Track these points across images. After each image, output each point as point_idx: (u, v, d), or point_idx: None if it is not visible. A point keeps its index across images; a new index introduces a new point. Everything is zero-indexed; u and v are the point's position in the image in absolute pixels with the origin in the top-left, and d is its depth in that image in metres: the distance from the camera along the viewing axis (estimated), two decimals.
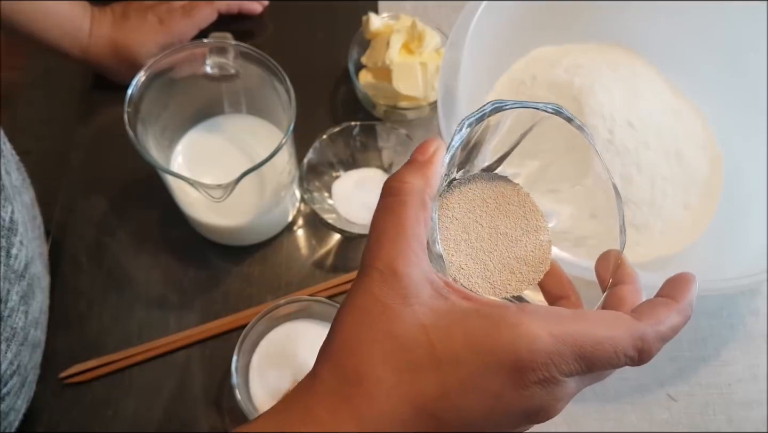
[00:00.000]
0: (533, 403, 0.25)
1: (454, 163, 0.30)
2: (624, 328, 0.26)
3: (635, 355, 0.26)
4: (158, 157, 0.54)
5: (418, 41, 0.64)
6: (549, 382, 0.25)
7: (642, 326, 0.26)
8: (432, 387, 0.25)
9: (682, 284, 0.29)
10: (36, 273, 0.49)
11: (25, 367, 0.47)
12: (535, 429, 0.56)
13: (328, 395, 0.25)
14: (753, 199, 0.58)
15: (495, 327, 0.25)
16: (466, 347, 0.25)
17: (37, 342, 0.50)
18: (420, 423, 0.25)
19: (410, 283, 0.26)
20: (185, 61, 0.55)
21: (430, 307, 0.26)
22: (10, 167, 0.48)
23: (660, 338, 0.27)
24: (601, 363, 0.26)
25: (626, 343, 0.26)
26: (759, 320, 0.60)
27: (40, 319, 0.51)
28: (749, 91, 0.61)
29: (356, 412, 0.25)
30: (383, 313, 0.26)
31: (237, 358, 0.51)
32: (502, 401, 0.25)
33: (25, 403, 0.49)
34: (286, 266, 0.61)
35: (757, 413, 0.56)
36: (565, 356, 0.25)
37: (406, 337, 0.25)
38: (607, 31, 0.65)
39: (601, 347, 0.25)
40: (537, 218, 0.32)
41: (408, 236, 0.26)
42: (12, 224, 0.44)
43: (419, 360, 0.25)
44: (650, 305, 0.28)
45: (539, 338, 0.24)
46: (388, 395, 0.25)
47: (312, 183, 0.62)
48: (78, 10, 0.64)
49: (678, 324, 0.28)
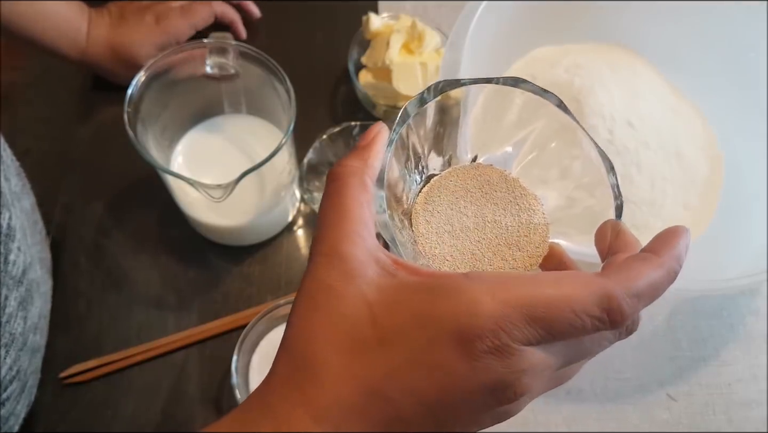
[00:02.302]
0: (490, 376, 0.23)
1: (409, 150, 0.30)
2: (583, 285, 0.24)
3: (603, 315, 0.23)
4: (158, 157, 0.54)
5: (418, 41, 0.64)
6: (502, 351, 0.23)
7: (606, 281, 0.24)
8: (379, 366, 0.23)
9: (667, 237, 0.26)
10: (35, 279, 0.49)
11: (24, 372, 0.47)
12: (534, 429, 0.56)
13: (282, 385, 0.25)
14: (753, 199, 0.58)
15: (437, 297, 0.24)
16: (410, 321, 0.24)
17: (37, 347, 0.50)
18: (373, 407, 0.23)
19: (354, 262, 0.25)
20: (185, 62, 0.55)
21: (376, 284, 0.25)
22: (9, 173, 0.48)
23: (632, 294, 0.24)
24: (561, 327, 0.23)
25: (586, 302, 0.23)
26: (759, 320, 0.60)
27: (40, 324, 0.50)
28: (749, 91, 0.61)
29: (307, 399, 0.24)
30: (328, 295, 0.25)
31: (237, 358, 0.51)
32: (455, 376, 0.23)
33: (25, 408, 0.49)
34: (286, 266, 0.61)
35: (757, 413, 0.56)
36: (513, 320, 0.23)
37: (350, 316, 0.24)
38: (607, 31, 0.65)
39: (555, 308, 0.23)
40: (529, 201, 0.31)
41: (350, 219, 0.26)
42: (9, 230, 0.44)
43: (364, 339, 0.24)
44: (624, 262, 0.25)
45: (481, 302, 0.23)
46: (336, 378, 0.24)
47: (312, 183, 0.62)
48: (75, 12, 0.64)
49: (658, 279, 0.25)
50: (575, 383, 0.56)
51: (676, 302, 0.61)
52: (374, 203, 0.27)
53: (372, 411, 0.23)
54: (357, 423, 0.24)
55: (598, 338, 0.25)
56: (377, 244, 0.26)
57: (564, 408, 0.55)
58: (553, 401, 0.56)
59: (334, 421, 0.24)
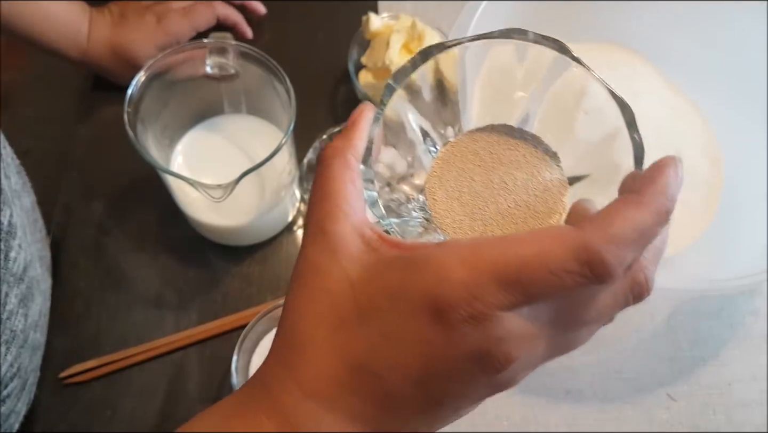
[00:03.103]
0: (470, 345, 0.22)
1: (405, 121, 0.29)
2: (554, 238, 0.22)
3: (583, 269, 0.21)
4: (158, 157, 0.54)
5: (418, 41, 0.64)
6: (477, 318, 0.22)
7: (580, 232, 0.22)
8: (360, 342, 0.24)
9: (651, 172, 0.24)
10: (35, 276, 0.49)
11: (25, 369, 0.47)
12: (535, 429, 0.56)
13: (275, 362, 0.26)
14: (753, 200, 0.58)
15: (407, 269, 0.23)
16: (383, 295, 0.24)
17: (37, 345, 0.50)
18: (359, 381, 0.24)
19: (338, 239, 0.25)
20: (185, 61, 0.55)
21: (359, 260, 0.25)
22: (9, 171, 0.48)
23: (613, 240, 0.21)
24: (538, 287, 0.22)
25: (561, 257, 0.21)
26: (759, 320, 0.60)
27: (40, 322, 0.51)
28: (749, 91, 0.61)
29: (296, 374, 0.24)
30: (314, 272, 0.25)
31: (237, 358, 0.51)
32: (434, 347, 0.23)
33: (25, 405, 0.49)
34: (286, 266, 0.61)
35: (757, 413, 0.56)
36: (484, 285, 0.22)
37: (333, 292, 0.25)
38: (607, 31, 0.65)
39: (527, 269, 0.21)
40: (543, 158, 0.29)
41: (334, 196, 0.26)
42: (11, 228, 0.44)
43: (346, 315, 0.24)
44: (602, 210, 0.23)
45: (450, 269, 0.22)
46: (322, 354, 0.24)
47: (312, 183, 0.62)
48: (76, 12, 0.64)
49: (641, 220, 0.22)
50: (575, 383, 0.56)
51: (676, 302, 0.61)
52: (362, 180, 0.27)
53: (360, 385, 0.24)
54: (345, 396, 0.24)
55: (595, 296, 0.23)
56: (363, 219, 0.26)
57: (564, 408, 0.55)
58: (553, 401, 0.56)
59: (322, 394, 0.24)
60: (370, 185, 0.27)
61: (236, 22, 0.71)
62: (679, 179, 0.24)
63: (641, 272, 0.24)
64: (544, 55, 0.28)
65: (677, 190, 0.23)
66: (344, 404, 0.24)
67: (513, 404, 0.55)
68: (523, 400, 0.55)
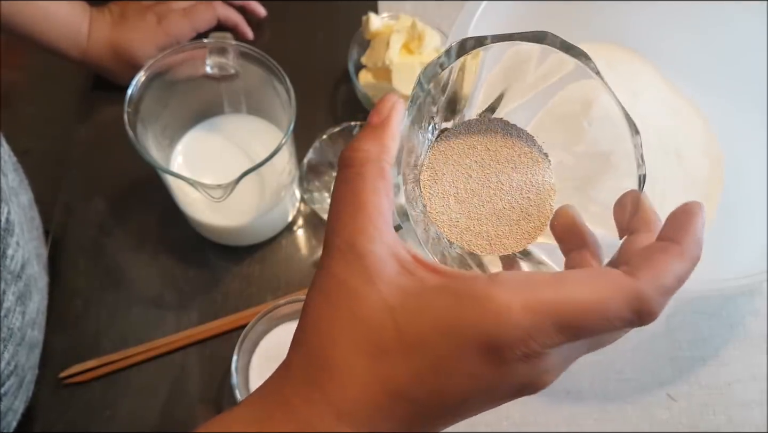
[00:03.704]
0: (517, 379, 0.23)
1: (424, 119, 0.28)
2: (614, 288, 0.23)
3: (634, 317, 0.23)
4: (158, 157, 0.54)
5: (418, 41, 0.64)
6: (531, 357, 0.23)
7: (637, 283, 0.23)
8: (403, 372, 0.23)
9: (684, 219, 0.25)
10: (33, 274, 0.49)
11: (22, 367, 0.47)
12: (535, 429, 0.56)
13: (302, 383, 0.24)
14: (753, 200, 0.58)
15: (462, 305, 0.23)
16: (434, 329, 0.23)
17: (35, 342, 0.50)
18: (397, 408, 0.23)
19: (374, 261, 0.24)
20: (185, 62, 0.55)
21: (397, 285, 0.24)
22: (7, 169, 0.48)
23: (662, 292, 0.23)
24: (591, 331, 0.23)
25: (618, 306, 0.23)
26: (759, 320, 0.60)
27: (38, 319, 0.51)
28: (749, 91, 0.61)
29: (330, 399, 0.24)
30: (348, 296, 0.24)
31: (237, 358, 0.51)
32: (482, 382, 0.23)
33: (23, 404, 0.49)
34: (286, 266, 0.61)
35: (757, 413, 0.56)
36: (544, 328, 0.22)
37: (372, 320, 0.24)
38: (607, 31, 0.65)
39: (587, 315, 0.22)
40: (537, 160, 0.29)
41: (368, 210, 0.24)
42: (8, 225, 0.44)
43: (387, 345, 0.23)
44: (646, 254, 0.24)
45: (510, 310, 0.22)
46: (359, 381, 0.23)
47: (312, 183, 0.62)
48: (77, 12, 0.64)
49: (683, 271, 0.24)
50: (575, 383, 0.56)
51: (676, 302, 0.61)
52: (393, 189, 0.26)
53: (398, 412, 0.23)
54: (381, 421, 0.24)
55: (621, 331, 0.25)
56: (396, 237, 0.25)
57: (564, 408, 0.55)
58: (554, 401, 0.56)
59: (358, 419, 0.23)
60: (398, 192, 0.26)
61: (237, 23, 0.71)
62: (704, 225, 0.25)
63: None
64: (564, 62, 0.28)
65: (703, 236, 0.25)
66: (378, 427, 0.24)
67: (513, 404, 0.55)
68: (523, 400, 0.55)
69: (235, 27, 0.71)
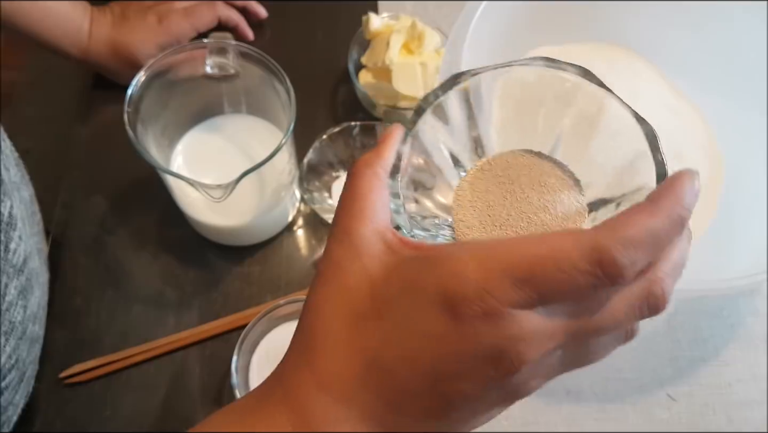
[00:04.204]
0: (482, 342, 0.22)
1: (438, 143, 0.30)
2: (568, 240, 0.22)
3: (594, 269, 0.21)
4: (158, 157, 0.54)
5: (418, 41, 0.64)
6: (491, 315, 0.22)
7: (593, 233, 0.22)
8: (375, 336, 0.24)
9: (667, 183, 0.24)
10: (34, 268, 0.49)
11: (23, 361, 0.48)
12: (535, 429, 0.56)
13: (293, 357, 0.26)
14: (753, 200, 0.58)
15: (425, 264, 0.24)
16: (398, 288, 0.24)
17: (36, 337, 0.50)
18: (372, 376, 0.24)
19: (361, 240, 0.26)
20: (185, 61, 0.55)
21: (379, 260, 0.26)
22: (9, 163, 0.48)
23: (624, 242, 0.22)
24: (550, 285, 0.22)
25: (572, 256, 0.22)
26: (759, 320, 0.60)
27: (39, 314, 0.51)
28: (749, 91, 0.61)
29: (313, 368, 0.25)
30: (335, 270, 0.26)
31: (237, 358, 0.51)
32: (445, 342, 0.23)
33: (23, 399, 0.49)
34: (286, 266, 0.61)
35: (757, 413, 0.56)
36: (497, 281, 0.22)
37: (352, 289, 0.25)
38: (607, 30, 0.65)
39: (539, 266, 0.22)
40: (570, 185, 0.29)
41: (360, 201, 0.27)
42: (11, 219, 0.45)
43: (363, 310, 0.25)
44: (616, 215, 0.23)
45: (465, 265, 0.23)
46: (340, 348, 0.25)
47: (312, 183, 0.62)
48: (78, 11, 0.64)
49: (655, 225, 0.22)
50: (575, 383, 0.56)
51: (676, 302, 0.61)
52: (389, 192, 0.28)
53: (371, 380, 0.24)
54: (359, 392, 0.24)
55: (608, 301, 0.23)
56: (387, 224, 0.27)
57: (564, 408, 0.55)
58: (553, 401, 0.56)
59: (336, 388, 0.24)
60: (395, 199, 0.28)
61: (238, 24, 0.71)
62: (695, 190, 0.24)
63: (658, 285, 0.24)
64: (565, 79, 0.29)
65: (693, 201, 0.23)
66: (358, 400, 0.24)
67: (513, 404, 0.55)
68: (523, 400, 0.55)
69: (236, 28, 0.71)
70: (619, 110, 0.28)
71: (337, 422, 0.24)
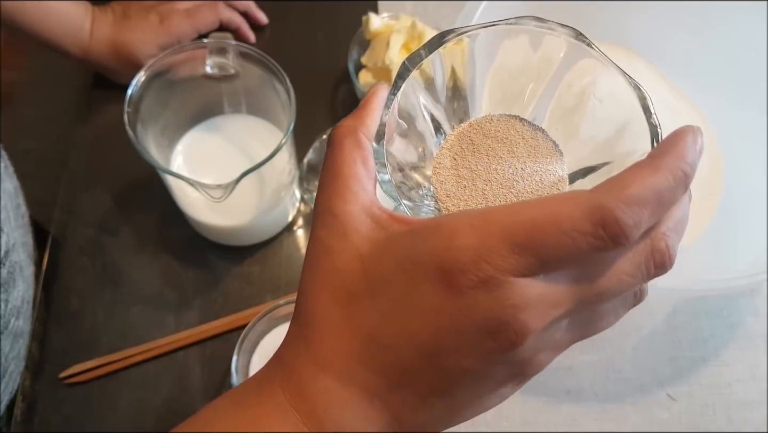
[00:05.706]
0: (481, 312, 0.21)
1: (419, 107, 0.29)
2: (568, 201, 0.21)
3: (597, 230, 0.20)
4: (158, 157, 0.54)
5: (418, 41, 0.64)
6: (488, 283, 0.21)
7: (594, 194, 0.21)
8: (371, 315, 0.23)
9: (668, 139, 0.23)
10: (18, 261, 0.48)
11: (5, 357, 0.47)
12: (534, 429, 0.56)
13: (291, 341, 0.26)
14: (753, 199, 0.58)
15: (417, 237, 0.23)
16: (392, 264, 0.23)
17: (20, 332, 0.50)
18: (371, 353, 0.23)
19: (348, 219, 0.25)
20: (185, 61, 0.55)
21: (369, 238, 0.25)
22: None
23: (627, 200, 0.21)
24: (551, 250, 0.21)
25: (574, 217, 0.20)
26: (759, 320, 0.60)
27: (23, 309, 0.50)
28: (749, 91, 0.61)
29: (311, 349, 0.25)
30: (325, 253, 0.25)
31: (237, 358, 0.51)
32: (444, 315, 0.22)
33: (7, 395, 0.49)
34: (286, 266, 0.61)
35: (757, 413, 0.56)
36: (495, 248, 0.21)
37: (345, 270, 0.24)
38: (607, 31, 0.65)
39: (539, 230, 0.21)
40: (552, 153, 0.28)
41: (343, 177, 0.26)
42: None
43: (357, 290, 0.24)
44: (618, 174, 0.22)
45: (458, 233, 0.21)
46: (336, 330, 0.24)
47: (312, 183, 0.62)
48: (79, 10, 0.64)
49: (658, 181, 0.21)
50: (575, 383, 0.56)
51: (676, 302, 0.61)
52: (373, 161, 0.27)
53: (371, 357, 0.24)
54: (359, 370, 0.24)
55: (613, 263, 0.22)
56: (373, 199, 0.26)
57: (564, 408, 0.55)
58: (553, 401, 0.56)
59: (336, 368, 0.24)
60: (381, 168, 0.27)
61: (239, 26, 0.71)
62: (698, 146, 0.23)
63: (662, 240, 0.23)
64: (557, 46, 0.28)
65: (696, 157, 0.22)
66: (358, 378, 0.24)
67: (513, 404, 0.55)
68: (523, 400, 0.55)
69: (237, 30, 0.71)
70: (612, 76, 0.27)
71: (338, 402, 0.24)
